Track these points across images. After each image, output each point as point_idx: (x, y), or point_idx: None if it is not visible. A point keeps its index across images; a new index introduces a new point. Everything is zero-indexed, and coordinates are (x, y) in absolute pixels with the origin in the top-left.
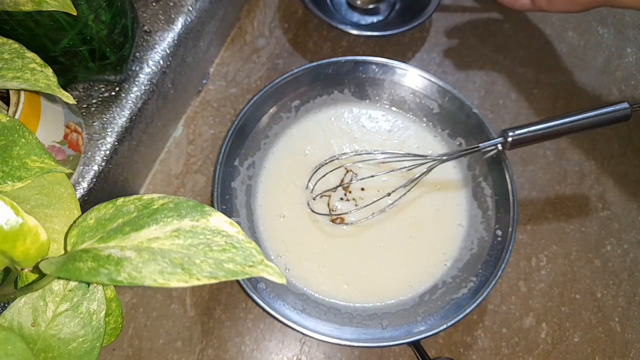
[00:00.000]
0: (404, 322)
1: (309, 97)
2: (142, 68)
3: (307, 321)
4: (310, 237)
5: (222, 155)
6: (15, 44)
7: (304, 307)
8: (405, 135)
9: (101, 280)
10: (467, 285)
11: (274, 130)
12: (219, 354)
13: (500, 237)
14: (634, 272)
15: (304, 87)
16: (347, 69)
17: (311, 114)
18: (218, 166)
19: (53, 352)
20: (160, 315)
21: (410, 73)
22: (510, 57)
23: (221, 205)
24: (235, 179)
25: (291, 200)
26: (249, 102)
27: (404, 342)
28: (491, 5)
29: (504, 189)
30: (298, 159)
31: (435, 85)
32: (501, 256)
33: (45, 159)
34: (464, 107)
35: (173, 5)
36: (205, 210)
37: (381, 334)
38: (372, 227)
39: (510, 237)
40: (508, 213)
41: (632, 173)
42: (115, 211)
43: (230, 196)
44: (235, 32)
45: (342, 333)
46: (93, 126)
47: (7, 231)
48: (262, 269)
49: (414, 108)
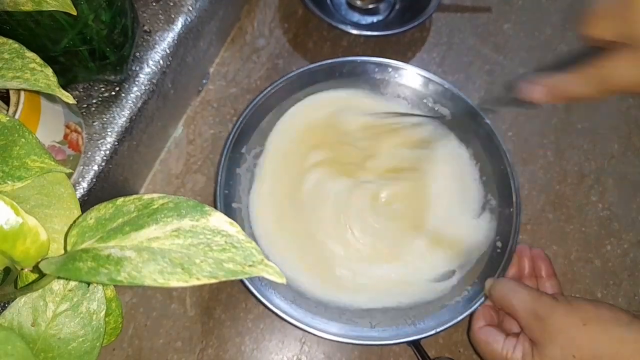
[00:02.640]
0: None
1: (314, 94)
2: (142, 68)
3: (297, 312)
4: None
5: (229, 143)
6: (15, 44)
7: (294, 298)
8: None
9: (101, 280)
10: (461, 294)
11: (278, 125)
12: (219, 354)
13: (499, 249)
14: (634, 272)
15: (309, 85)
16: (354, 68)
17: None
18: (225, 151)
19: (53, 352)
20: (160, 315)
21: (410, 72)
22: (510, 57)
23: (224, 189)
24: (241, 165)
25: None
26: (253, 101)
27: (405, 340)
28: (491, 5)
29: (509, 201)
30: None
31: (440, 87)
32: (498, 268)
33: (45, 159)
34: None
35: (173, 5)
36: (205, 210)
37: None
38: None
39: (511, 250)
40: (510, 224)
41: (632, 173)
42: (115, 211)
43: (234, 182)
44: (235, 32)
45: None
46: (93, 126)
47: (7, 231)
48: (262, 268)
49: (420, 109)
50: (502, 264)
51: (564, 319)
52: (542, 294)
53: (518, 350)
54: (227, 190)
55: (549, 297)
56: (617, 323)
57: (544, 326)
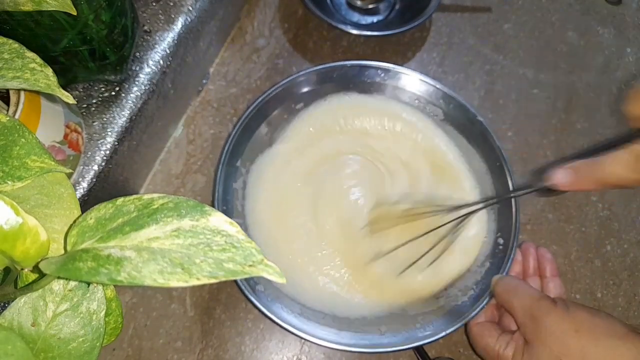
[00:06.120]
0: (403, 329)
1: (313, 99)
2: (142, 68)
3: (305, 325)
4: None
5: (225, 155)
6: (15, 44)
7: (301, 311)
8: (414, 136)
9: (101, 280)
10: (467, 294)
11: (276, 133)
12: (219, 354)
13: (501, 245)
14: (634, 272)
15: (308, 90)
16: (353, 72)
17: (315, 115)
18: (220, 167)
19: (53, 352)
20: (160, 315)
21: (412, 77)
22: (510, 57)
23: (222, 206)
24: (237, 179)
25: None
26: (252, 105)
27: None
28: (491, 5)
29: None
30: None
31: (440, 91)
32: (501, 265)
33: (45, 159)
34: (469, 113)
35: (173, 5)
36: (205, 209)
37: (379, 339)
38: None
39: (512, 246)
40: (510, 220)
41: None
42: (115, 211)
43: (231, 197)
44: (235, 32)
45: (340, 338)
46: (93, 126)
47: (7, 231)
48: (262, 268)
49: (421, 110)
50: (505, 260)
51: (558, 323)
52: (543, 296)
53: (510, 347)
54: (225, 207)
55: (548, 299)
56: (609, 334)
57: (538, 327)
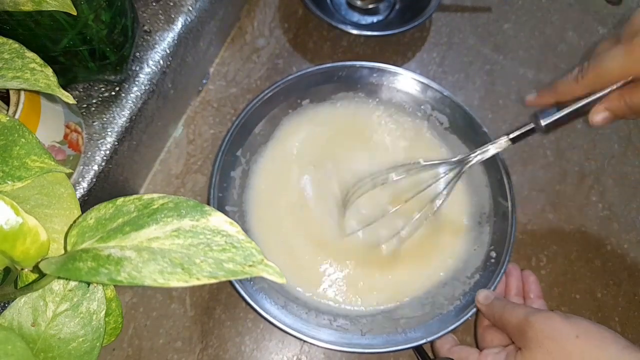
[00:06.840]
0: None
1: (314, 98)
2: (142, 68)
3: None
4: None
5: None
6: (15, 44)
7: (285, 303)
8: (413, 136)
9: (101, 280)
10: (453, 303)
11: (274, 132)
12: (219, 354)
13: (493, 259)
14: (634, 272)
15: (309, 89)
16: (355, 73)
17: (314, 115)
18: (219, 154)
19: (53, 352)
20: (160, 315)
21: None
22: (510, 57)
23: (218, 193)
24: (236, 168)
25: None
26: (251, 103)
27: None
28: (491, 5)
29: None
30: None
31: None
32: (491, 278)
33: (45, 159)
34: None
35: (173, 5)
36: (205, 210)
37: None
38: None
39: (505, 260)
40: (505, 234)
41: (632, 173)
42: (115, 211)
43: (228, 185)
44: (235, 32)
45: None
46: (93, 126)
47: (7, 231)
48: (262, 268)
49: (420, 113)
50: (495, 275)
51: (557, 329)
52: (538, 309)
53: (502, 354)
54: (221, 194)
55: (544, 311)
56: (613, 342)
57: (534, 332)
